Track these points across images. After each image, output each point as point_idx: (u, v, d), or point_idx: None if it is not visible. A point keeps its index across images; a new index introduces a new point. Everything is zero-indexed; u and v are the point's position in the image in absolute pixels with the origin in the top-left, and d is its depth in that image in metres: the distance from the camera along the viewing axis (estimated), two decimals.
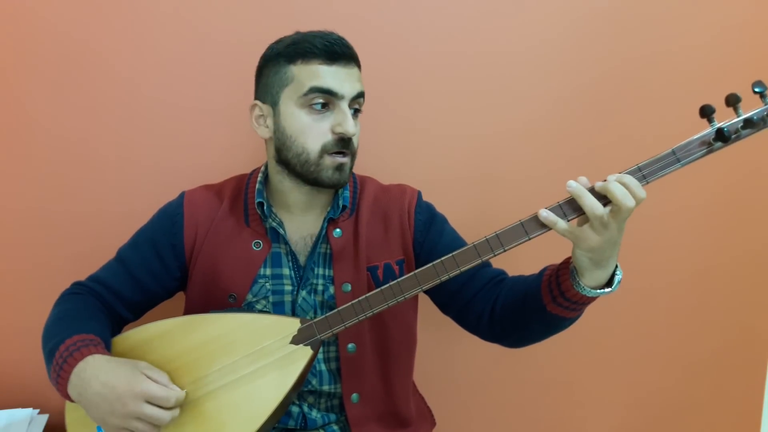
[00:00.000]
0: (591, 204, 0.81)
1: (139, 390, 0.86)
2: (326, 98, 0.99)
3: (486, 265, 1.08)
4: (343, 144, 1.00)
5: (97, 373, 0.88)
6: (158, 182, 1.34)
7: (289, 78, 1.01)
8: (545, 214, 0.84)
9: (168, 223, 1.09)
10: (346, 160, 1.02)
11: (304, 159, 1.00)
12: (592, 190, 0.82)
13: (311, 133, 1.00)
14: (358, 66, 1.04)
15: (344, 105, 1.00)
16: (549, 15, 1.40)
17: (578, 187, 0.82)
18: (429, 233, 1.10)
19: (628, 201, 0.80)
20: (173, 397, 0.89)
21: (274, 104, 1.03)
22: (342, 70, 1.00)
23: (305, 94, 0.99)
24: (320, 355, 1.07)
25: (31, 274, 1.33)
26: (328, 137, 1.00)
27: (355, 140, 1.03)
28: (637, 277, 1.52)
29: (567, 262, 0.90)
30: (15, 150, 1.30)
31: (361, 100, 1.04)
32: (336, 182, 1.02)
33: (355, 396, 1.08)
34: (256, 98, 1.07)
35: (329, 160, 1.00)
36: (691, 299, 1.56)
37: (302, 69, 1.00)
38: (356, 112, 1.04)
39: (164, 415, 0.88)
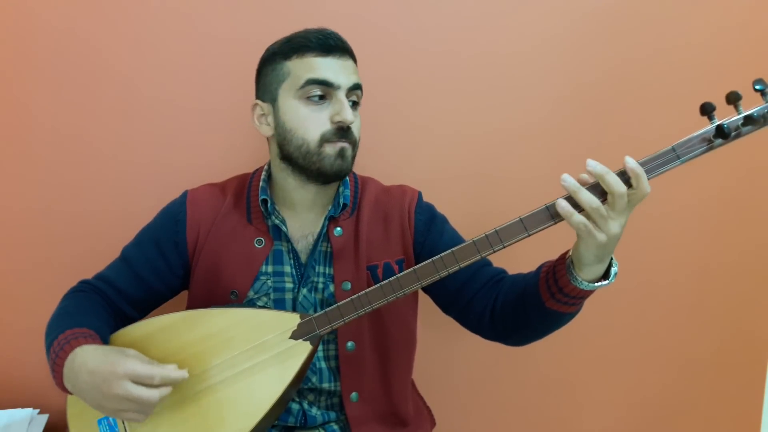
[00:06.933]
0: (587, 198, 0.81)
1: (122, 370, 0.85)
2: (323, 89, 1.00)
3: (486, 264, 1.08)
4: (342, 133, 1.01)
5: (85, 361, 0.87)
6: (160, 182, 1.34)
7: (285, 73, 1.02)
8: (563, 204, 0.83)
9: (171, 222, 1.09)
10: (347, 144, 1.02)
11: (305, 150, 1.01)
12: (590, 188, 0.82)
13: (310, 124, 1.00)
14: (354, 59, 1.05)
15: (341, 95, 1.01)
16: (549, 15, 1.40)
17: (573, 183, 0.82)
18: (429, 233, 1.10)
19: (619, 187, 0.80)
20: (157, 374, 0.86)
21: (273, 101, 1.04)
22: (337, 61, 1.01)
23: (302, 87, 1.00)
24: (320, 353, 1.07)
25: (31, 274, 1.33)
26: (327, 126, 1.00)
27: (354, 130, 1.03)
28: (637, 277, 1.52)
29: (563, 258, 0.90)
30: (16, 149, 1.30)
31: (359, 92, 1.05)
32: (339, 170, 1.01)
33: (354, 395, 1.08)
34: (256, 98, 1.08)
35: (329, 148, 1.01)
36: (691, 299, 1.56)
37: (298, 63, 1.01)
38: (354, 104, 1.05)
39: (149, 394, 0.85)
